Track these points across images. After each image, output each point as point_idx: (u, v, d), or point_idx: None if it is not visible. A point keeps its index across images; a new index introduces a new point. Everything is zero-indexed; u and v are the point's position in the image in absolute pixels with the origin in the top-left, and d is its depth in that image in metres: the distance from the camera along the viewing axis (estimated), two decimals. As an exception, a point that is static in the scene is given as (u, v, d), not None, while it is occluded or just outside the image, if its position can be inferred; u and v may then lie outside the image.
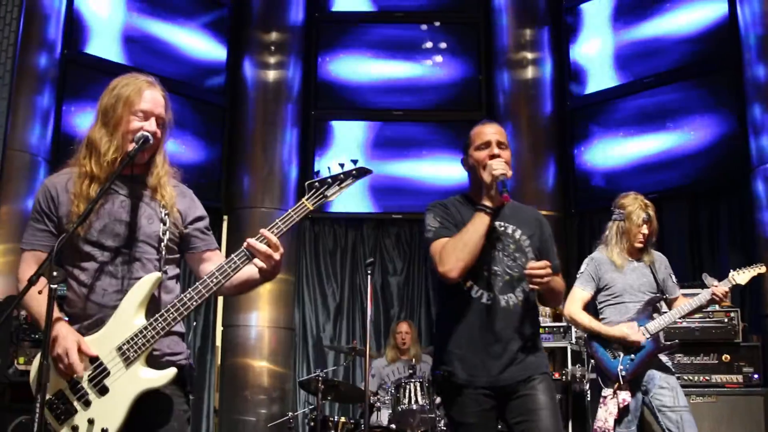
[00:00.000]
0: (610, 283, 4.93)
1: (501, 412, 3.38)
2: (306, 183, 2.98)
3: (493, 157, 3.42)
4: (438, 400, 5.66)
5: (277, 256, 2.84)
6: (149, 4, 8.67)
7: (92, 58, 8.06)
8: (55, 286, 2.58)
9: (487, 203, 3.34)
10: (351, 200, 9.17)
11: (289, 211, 2.91)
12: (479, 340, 3.38)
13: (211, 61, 9.28)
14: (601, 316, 4.93)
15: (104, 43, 8.22)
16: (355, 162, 3.02)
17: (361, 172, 3.01)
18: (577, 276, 5.04)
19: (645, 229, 4.90)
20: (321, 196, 2.95)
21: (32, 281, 2.62)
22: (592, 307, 5.04)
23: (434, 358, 3.60)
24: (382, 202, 9.39)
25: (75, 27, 7.97)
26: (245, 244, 2.86)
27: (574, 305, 4.96)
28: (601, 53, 8.98)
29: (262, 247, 2.83)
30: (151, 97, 3.00)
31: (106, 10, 8.30)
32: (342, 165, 3.00)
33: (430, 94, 9.72)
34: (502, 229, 3.49)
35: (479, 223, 3.33)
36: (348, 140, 9.65)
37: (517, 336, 3.40)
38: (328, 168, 3.00)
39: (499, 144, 3.48)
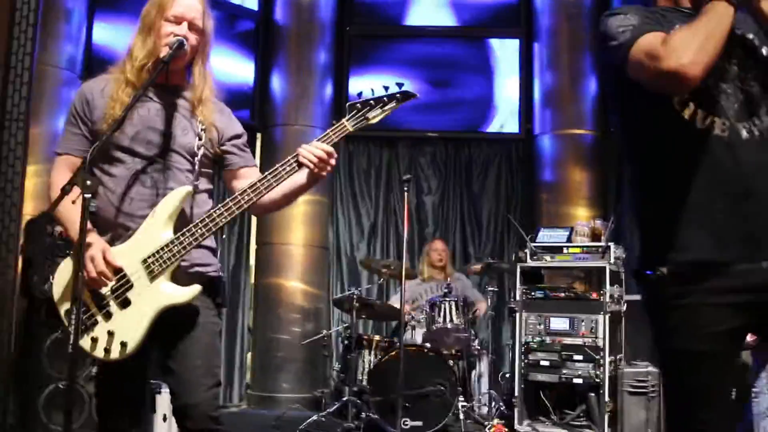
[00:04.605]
0: None
1: (760, 327, 2.28)
2: (347, 104, 2.85)
3: None
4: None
5: (333, 161, 2.78)
6: None
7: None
8: (89, 195, 2.51)
9: None
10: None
11: (328, 131, 2.82)
12: (717, 195, 2.23)
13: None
14: None
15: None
16: (400, 85, 2.85)
17: (406, 96, 2.85)
18: None
19: None
20: (362, 118, 2.83)
21: (66, 190, 2.54)
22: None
23: (642, 252, 2.40)
24: (417, 119, 9.23)
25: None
26: (297, 152, 2.77)
27: None
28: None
29: (318, 152, 2.75)
30: (185, 1, 2.91)
31: None
32: (386, 88, 2.85)
33: (468, 12, 9.48)
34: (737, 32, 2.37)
35: (724, 13, 2.19)
36: (383, 58, 9.47)
37: None
38: (372, 90, 2.86)
39: None
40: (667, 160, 2.33)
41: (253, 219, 8.75)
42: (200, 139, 2.92)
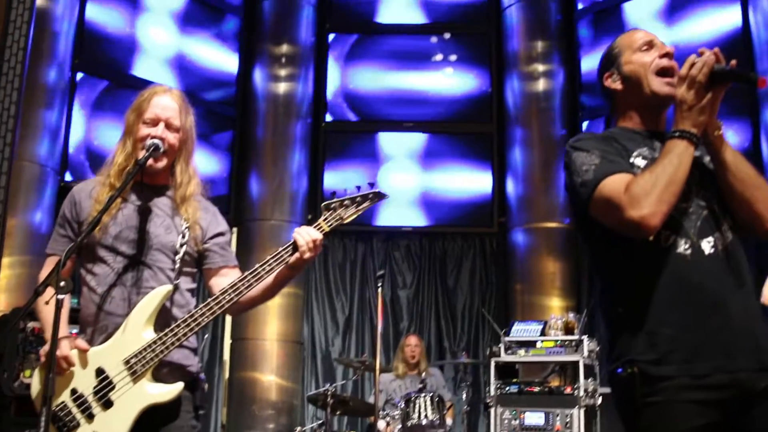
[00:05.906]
0: None
1: (735, 425, 2.22)
2: (323, 204, 2.96)
3: (665, 57, 2.47)
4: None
5: (320, 249, 2.87)
6: (160, 15, 8.66)
7: (102, 68, 8.05)
8: (62, 296, 2.53)
9: (690, 128, 2.27)
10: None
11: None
12: (685, 310, 2.25)
13: (221, 72, 9.25)
14: None
15: (114, 53, 8.20)
16: (372, 185, 2.98)
17: (378, 197, 2.98)
18: None
19: None
20: (337, 218, 2.93)
21: (38, 292, 2.58)
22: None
23: (611, 352, 2.39)
24: (391, 213, 9.29)
25: (85, 39, 7.94)
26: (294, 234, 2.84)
27: None
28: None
29: (314, 234, 2.83)
30: (160, 102, 2.97)
31: (117, 21, 8.28)
32: (359, 188, 2.97)
33: (441, 106, 9.66)
34: None
35: (685, 154, 2.25)
36: (358, 152, 9.56)
37: (740, 295, 2.28)
38: (345, 190, 2.98)
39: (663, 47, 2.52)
40: (632, 276, 2.35)
41: (228, 313, 8.69)
42: (183, 237, 2.94)
